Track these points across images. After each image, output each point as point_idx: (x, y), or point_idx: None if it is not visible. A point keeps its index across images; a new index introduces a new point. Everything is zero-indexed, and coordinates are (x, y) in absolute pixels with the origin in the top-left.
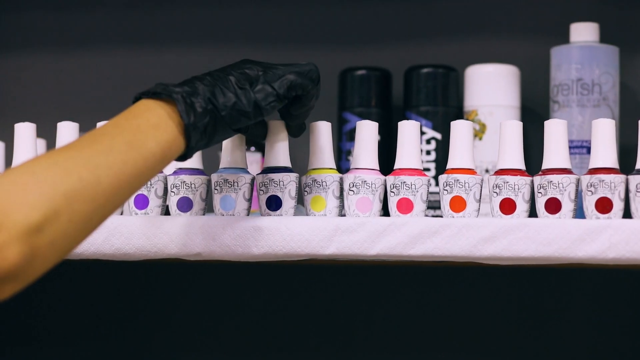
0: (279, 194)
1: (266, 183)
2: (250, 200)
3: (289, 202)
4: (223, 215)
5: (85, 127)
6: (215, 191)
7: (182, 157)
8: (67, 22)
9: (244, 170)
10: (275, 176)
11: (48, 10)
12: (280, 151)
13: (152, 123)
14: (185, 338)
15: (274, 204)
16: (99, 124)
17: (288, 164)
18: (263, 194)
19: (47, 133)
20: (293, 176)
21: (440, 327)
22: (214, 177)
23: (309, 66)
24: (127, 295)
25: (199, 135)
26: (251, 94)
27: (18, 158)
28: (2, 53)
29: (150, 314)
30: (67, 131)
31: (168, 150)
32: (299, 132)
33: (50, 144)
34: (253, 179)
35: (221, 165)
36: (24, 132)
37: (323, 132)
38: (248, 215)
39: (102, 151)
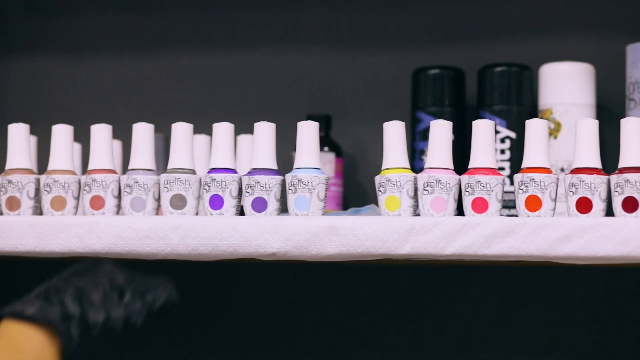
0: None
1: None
2: (324, 200)
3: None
4: (297, 215)
5: (160, 127)
6: (290, 191)
7: None
8: (142, 24)
9: (318, 170)
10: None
11: (123, 12)
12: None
13: (37, 356)
14: (237, 337)
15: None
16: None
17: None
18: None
19: (123, 134)
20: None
21: (479, 327)
22: (288, 177)
23: (169, 282)
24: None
25: (73, 352)
26: (120, 310)
27: (95, 159)
28: (78, 55)
29: (207, 314)
30: (142, 133)
31: None
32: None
33: (126, 144)
34: (327, 179)
35: (295, 166)
36: (100, 134)
37: (396, 131)
38: (323, 215)
39: None
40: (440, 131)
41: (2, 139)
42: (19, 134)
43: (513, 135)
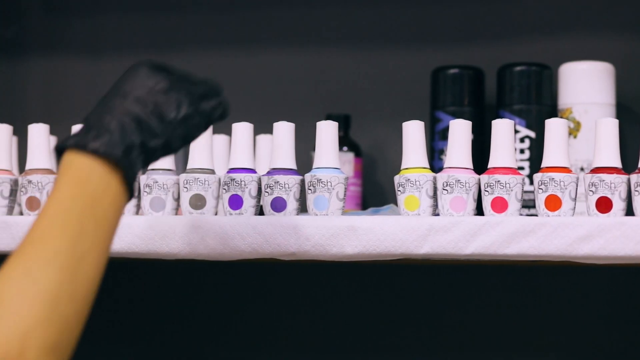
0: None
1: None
2: (344, 199)
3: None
4: (317, 215)
5: None
6: (309, 191)
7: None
8: (161, 24)
9: (338, 170)
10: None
11: (142, 12)
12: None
13: (103, 187)
14: (256, 337)
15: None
16: None
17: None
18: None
19: None
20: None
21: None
22: (308, 177)
23: (220, 85)
24: (199, 294)
25: (135, 181)
26: (179, 128)
27: None
28: (97, 56)
29: (225, 313)
30: None
31: (120, 212)
32: None
33: None
34: (347, 179)
35: (314, 165)
36: None
37: (416, 131)
38: (342, 214)
39: (78, 236)
40: (460, 131)
41: (23, 139)
42: (39, 134)
43: (532, 134)
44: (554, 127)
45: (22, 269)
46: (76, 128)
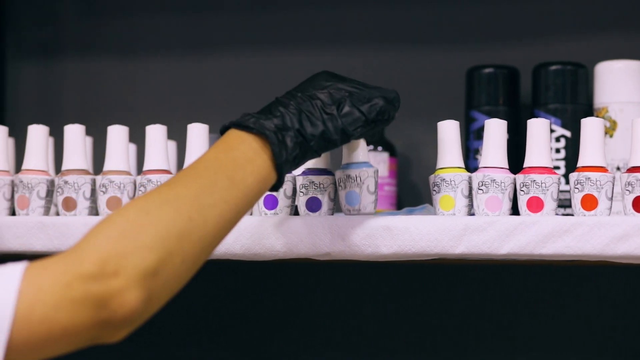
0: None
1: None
2: (375, 192)
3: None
4: (350, 210)
5: (215, 127)
6: (340, 187)
7: (274, 189)
8: (196, 25)
9: (366, 164)
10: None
11: (177, 14)
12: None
13: (248, 157)
14: (301, 338)
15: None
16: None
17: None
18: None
19: (177, 135)
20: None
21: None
22: (338, 173)
23: (393, 92)
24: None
25: (290, 167)
26: (338, 120)
27: (150, 160)
28: (133, 57)
29: (275, 314)
30: (197, 133)
31: (263, 184)
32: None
33: (181, 145)
34: (376, 171)
35: (343, 162)
36: (156, 134)
37: (451, 131)
38: (375, 208)
39: (207, 188)
40: (495, 130)
41: (59, 140)
42: (75, 135)
43: (568, 134)
44: (589, 126)
45: (142, 204)
46: (112, 128)
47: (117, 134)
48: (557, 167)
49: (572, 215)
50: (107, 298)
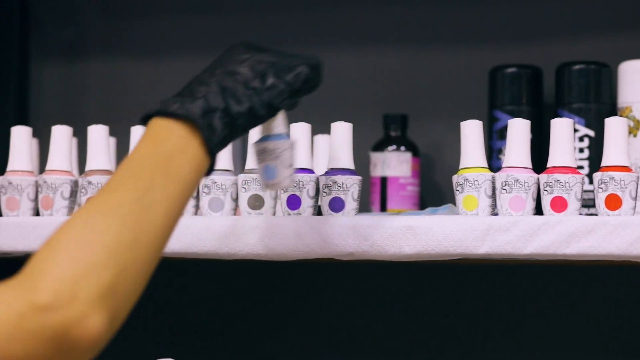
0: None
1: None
2: (291, 166)
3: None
4: (266, 185)
5: None
6: (258, 161)
7: (207, 174)
8: (218, 25)
9: (283, 136)
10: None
11: (199, 13)
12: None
13: (180, 147)
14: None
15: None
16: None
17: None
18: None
19: None
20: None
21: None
22: (254, 146)
23: (316, 58)
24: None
25: (220, 149)
26: (263, 94)
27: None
28: (155, 57)
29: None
30: None
31: (199, 172)
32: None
33: None
34: (294, 143)
35: (262, 134)
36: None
37: (474, 130)
38: (291, 183)
39: (147, 189)
40: (518, 130)
41: (82, 140)
42: (98, 136)
43: (592, 133)
44: (613, 126)
45: (84, 217)
46: (137, 128)
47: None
48: (581, 167)
49: (596, 215)
50: (66, 328)
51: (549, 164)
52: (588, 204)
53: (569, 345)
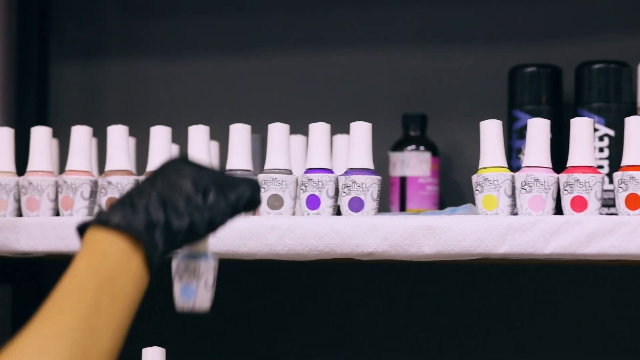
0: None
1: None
2: (212, 288)
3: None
4: (183, 306)
5: (257, 128)
6: (175, 278)
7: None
8: (237, 25)
9: (206, 256)
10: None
11: (219, 14)
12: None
13: (122, 263)
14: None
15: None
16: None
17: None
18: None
19: (219, 135)
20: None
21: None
22: (174, 263)
23: (256, 180)
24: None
25: (158, 264)
26: (205, 213)
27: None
28: (175, 57)
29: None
30: (239, 134)
31: (140, 287)
32: None
33: (223, 145)
34: (215, 267)
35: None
36: (198, 135)
37: (493, 130)
38: (210, 305)
39: (93, 311)
40: (538, 129)
41: (102, 140)
42: (118, 136)
43: (612, 132)
44: (633, 125)
45: (33, 344)
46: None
47: (160, 135)
48: (601, 166)
49: (616, 214)
50: None
51: (568, 164)
52: (608, 203)
53: (588, 346)
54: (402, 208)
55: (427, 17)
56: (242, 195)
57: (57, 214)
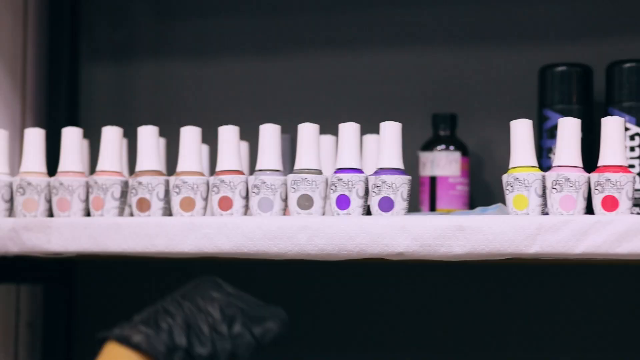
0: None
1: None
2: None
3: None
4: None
5: (287, 128)
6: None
7: None
8: (267, 26)
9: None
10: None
11: (249, 15)
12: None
13: None
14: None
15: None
16: None
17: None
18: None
19: (249, 135)
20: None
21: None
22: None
23: (283, 313)
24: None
25: None
26: (228, 343)
27: (223, 161)
28: (205, 58)
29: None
30: (269, 134)
31: None
32: None
33: (253, 145)
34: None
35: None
36: (228, 135)
37: (524, 130)
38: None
39: None
40: (569, 129)
41: (132, 141)
42: (148, 136)
43: None
44: None
45: None
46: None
47: (190, 135)
48: (632, 166)
49: None
50: None
51: (599, 163)
52: (639, 203)
53: (622, 345)
54: (432, 208)
55: (457, 17)
56: (269, 331)
57: (87, 214)
